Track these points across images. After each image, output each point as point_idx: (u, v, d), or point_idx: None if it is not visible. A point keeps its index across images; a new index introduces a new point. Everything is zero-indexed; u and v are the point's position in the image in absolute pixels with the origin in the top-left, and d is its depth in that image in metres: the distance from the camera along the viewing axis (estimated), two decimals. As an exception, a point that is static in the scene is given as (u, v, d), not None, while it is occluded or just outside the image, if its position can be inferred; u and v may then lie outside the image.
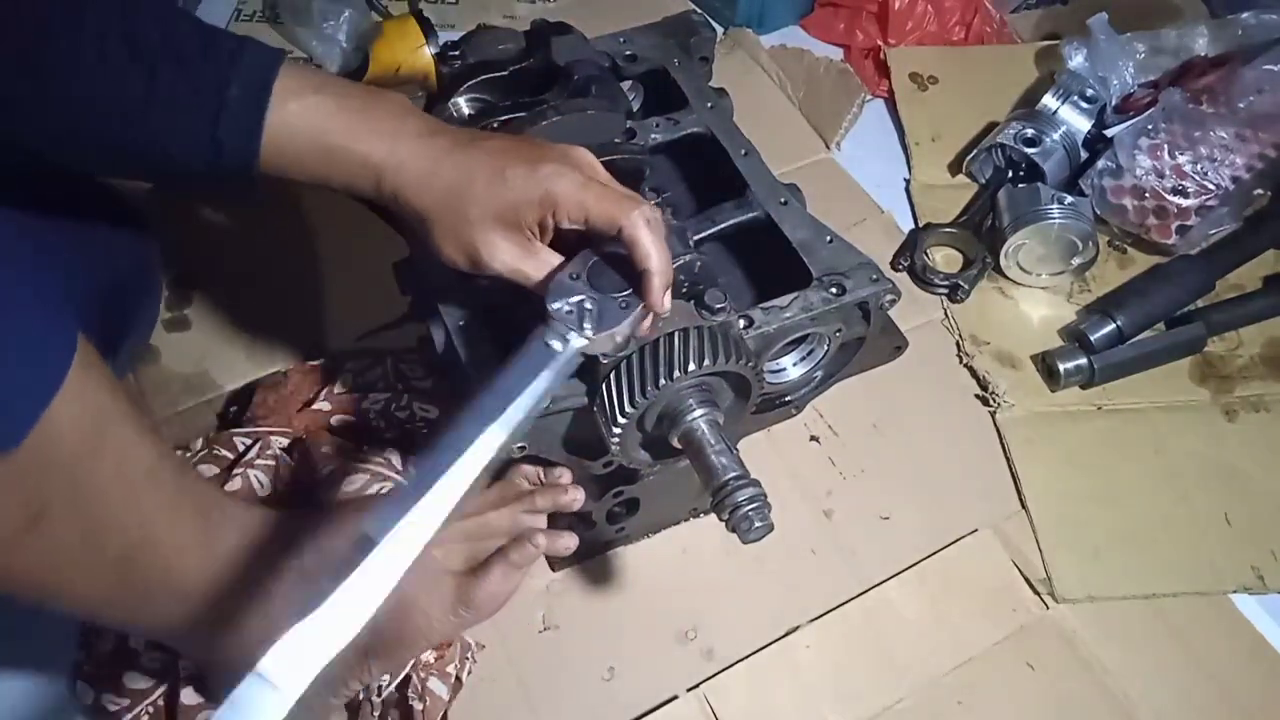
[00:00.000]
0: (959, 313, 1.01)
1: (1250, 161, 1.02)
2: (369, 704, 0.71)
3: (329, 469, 0.75)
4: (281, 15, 1.24)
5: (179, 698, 0.70)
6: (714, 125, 0.78)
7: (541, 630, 0.78)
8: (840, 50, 1.29)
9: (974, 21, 1.27)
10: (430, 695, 0.72)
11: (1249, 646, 0.81)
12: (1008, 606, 0.82)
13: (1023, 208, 1.01)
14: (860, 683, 0.77)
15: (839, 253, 0.70)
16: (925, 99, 1.20)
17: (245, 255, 1.01)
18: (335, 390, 0.84)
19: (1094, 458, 0.91)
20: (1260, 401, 0.96)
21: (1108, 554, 0.85)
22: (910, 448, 0.91)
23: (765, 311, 0.66)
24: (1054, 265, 1.02)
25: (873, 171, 1.14)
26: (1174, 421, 0.94)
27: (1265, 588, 0.83)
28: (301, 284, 0.99)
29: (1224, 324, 0.99)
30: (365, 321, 0.92)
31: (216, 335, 0.95)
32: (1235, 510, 0.88)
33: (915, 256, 1.04)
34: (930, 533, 0.85)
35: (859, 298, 0.68)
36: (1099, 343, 0.95)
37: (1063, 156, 1.07)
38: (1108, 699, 0.77)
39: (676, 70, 0.82)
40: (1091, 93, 1.08)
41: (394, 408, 0.84)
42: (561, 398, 0.63)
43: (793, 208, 0.73)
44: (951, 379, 0.97)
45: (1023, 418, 0.94)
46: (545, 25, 0.81)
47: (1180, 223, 1.02)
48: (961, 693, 0.77)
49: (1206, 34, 1.15)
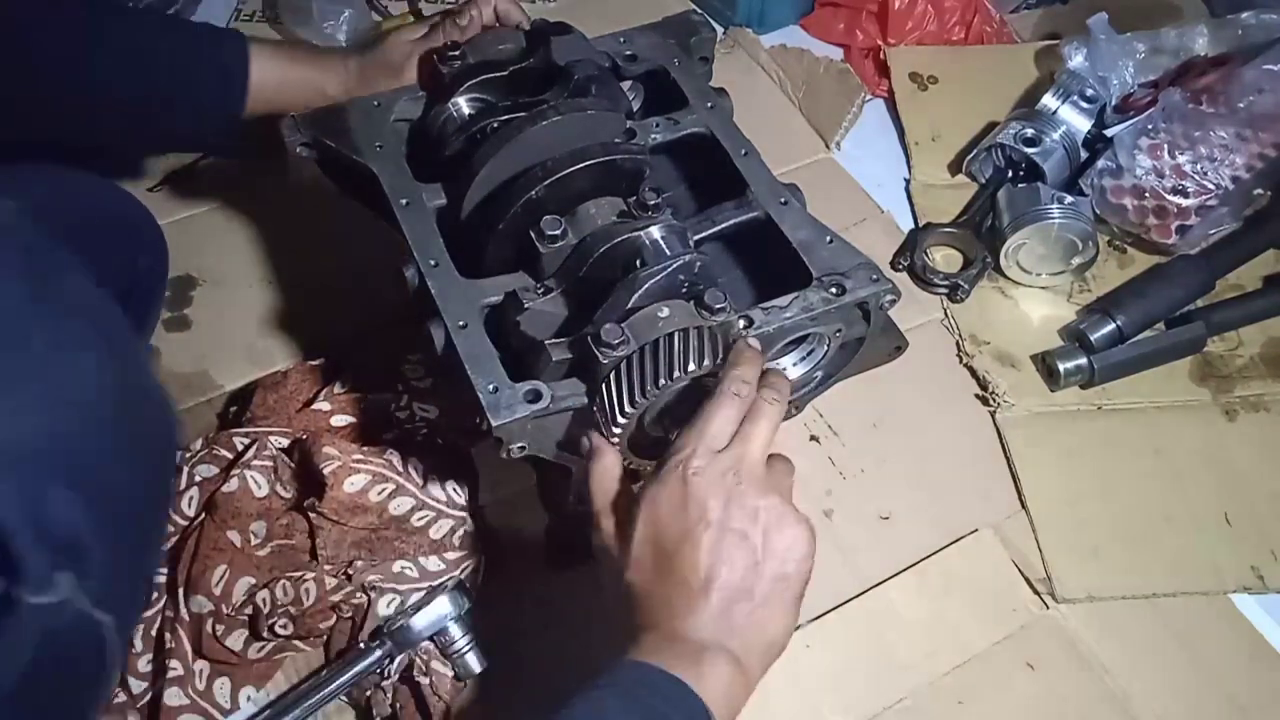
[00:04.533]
0: (959, 313, 1.01)
1: (1250, 161, 1.02)
2: (380, 691, 0.72)
3: (329, 469, 0.75)
4: (281, 15, 1.24)
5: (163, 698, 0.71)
6: (714, 125, 0.78)
7: (542, 630, 0.78)
8: (840, 50, 1.29)
9: (974, 21, 1.27)
10: (435, 673, 0.73)
11: (1249, 646, 0.81)
12: (1008, 606, 0.82)
13: (1023, 208, 1.01)
14: (860, 683, 0.77)
15: (839, 253, 0.70)
16: (925, 99, 1.20)
17: (245, 255, 1.02)
18: (335, 390, 0.84)
19: (1094, 458, 0.91)
20: (1260, 401, 0.96)
21: (1108, 554, 0.85)
22: (910, 448, 0.91)
23: (765, 311, 0.66)
24: (1054, 265, 1.02)
25: (873, 171, 1.14)
26: (1174, 421, 0.94)
27: (1265, 588, 0.83)
28: (301, 284, 0.99)
29: (1224, 324, 0.99)
30: (365, 321, 0.92)
31: (216, 335, 0.95)
32: (1235, 510, 0.88)
33: (915, 256, 1.04)
34: (930, 533, 0.85)
35: (859, 298, 0.68)
36: (1099, 343, 0.95)
37: (1063, 156, 1.07)
38: (1108, 699, 0.77)
39: (676, 70, 0.82)
40: (1091, 93, 1.08)
41: (394, 408, 0.84)
42: (562, 398, 0.63)
43: (793, 208, 0.73)
44: (951, 379, 0.97)
45: (1023, 418, 0.93)
46: (545, 25, 0.81)
47: (1180, 223, 1.02)
48: (961, 693, 0.77)
49: (1206, 34, 1.15)
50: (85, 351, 0.48)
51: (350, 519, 0.76)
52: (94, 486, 0.45)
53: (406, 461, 0.80)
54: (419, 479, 0.79)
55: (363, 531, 0.76)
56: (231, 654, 0.73)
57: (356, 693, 0.74)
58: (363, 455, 0.77)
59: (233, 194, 1.05)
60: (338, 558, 0.76)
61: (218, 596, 0.73)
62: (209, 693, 0.73)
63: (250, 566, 0.75)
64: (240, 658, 0.73)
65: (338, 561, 0.76)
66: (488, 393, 0.62)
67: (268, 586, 0.74)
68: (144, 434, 0.52)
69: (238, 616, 0.74)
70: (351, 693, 0.74)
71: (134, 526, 0.52)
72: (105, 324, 0.51)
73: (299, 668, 0.77)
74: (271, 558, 0.76)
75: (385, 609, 0.75)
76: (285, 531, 0.77)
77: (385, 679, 0.73)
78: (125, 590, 0.52)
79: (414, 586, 0.76)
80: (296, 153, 0.78)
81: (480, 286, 0.69)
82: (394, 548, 0.77)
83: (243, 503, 0.76)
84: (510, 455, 0.63)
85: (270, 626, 0.73)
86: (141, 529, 0.54)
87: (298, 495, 0.79)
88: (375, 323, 0.91)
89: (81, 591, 0.44)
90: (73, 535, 0.44)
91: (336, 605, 0.75)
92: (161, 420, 0.57)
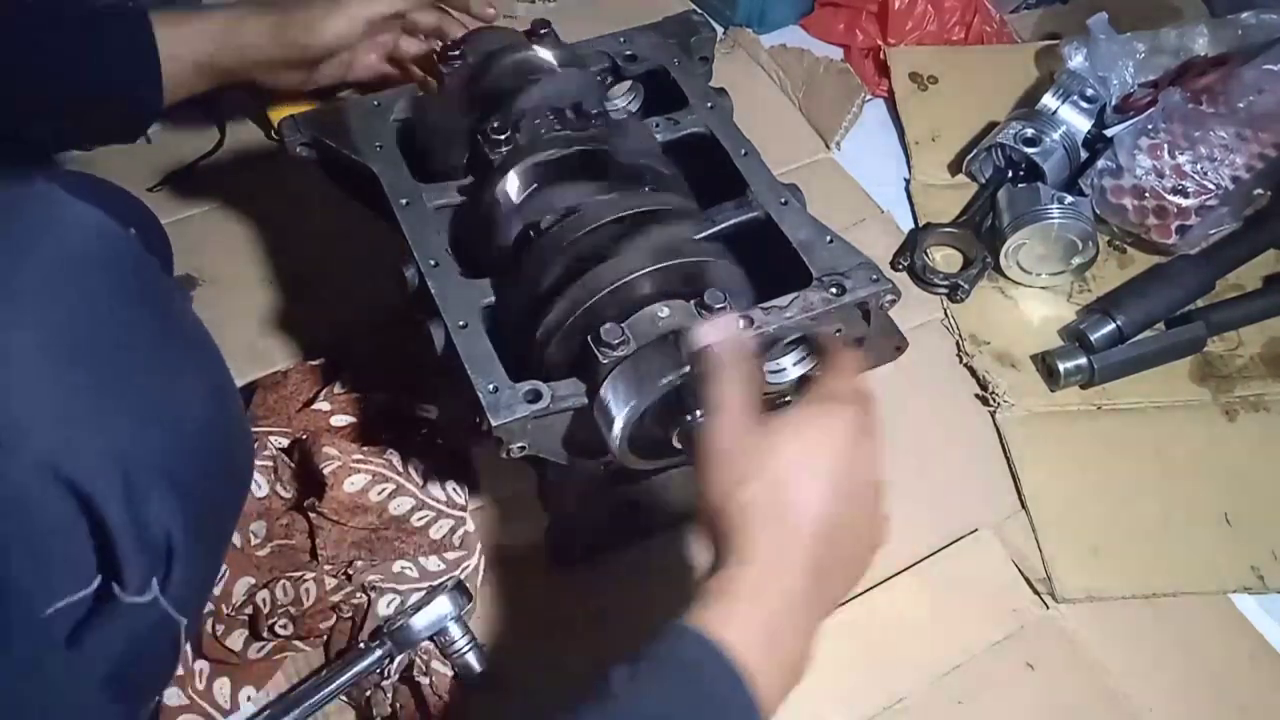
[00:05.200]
0: (959, 313, 1.01)
1: (1250, 161, 1.02)
2: (380, 691, 0.72)
3: (329, 469, 0.75)
4: (280, 13, 1.23)
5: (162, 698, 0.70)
6: (714, 125, 0.78)
7: (542, 630, 0.78)
8: (840, 50, 1.29)
9: (974, 21, 1.27)
10: (435, 673, 0.73)
11: (1249, 646, 0.81)
12: (1008, 606, 0.82)
13: (1023, 208, 1.01)
14: (860, 683, 0.77)
15: (839, 253, 0.70)
16: (925, 99, 1.20)
17: (245, 255, 1.01)
18: (335, 390, 0.84)
19: (1094, 458, 0.91)
20: (1260, 401, 0.96)
21: (1108, 554, 0.85)
22: (910, 448, 0.91)
23: (765, 311, 0.66)
24: (1054, 265, 1.02)
25: (873, 171, 1.14)
26: (1174, 421, 0.94)
27: (1265, 588, 0.83)
28: (301, 284, 0.99)
29: (1224, 324, 0.99)
30: (365, 321, 0.92)
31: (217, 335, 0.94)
32: (1235, 510, 0.88)
33: (915, 256, 1.04)
34: (930, 533, 0.85)
35: (859, 298, 0.68)
36: (1099, 343, 0.95)
37: (1063, 156, 1.07)
38: (1108, 699, 0.77)
39: (676, 70, 0.82)
40: (1091, 93, 1.08)
41: (394, 408, 0.84)
42: (562, 398, 0.63)
43: (793, 208, 0.73)
44: (951, 379, 0.97)
45: (1023, 418, 0.93)
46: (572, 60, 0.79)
47: (1180, 223, 1.02)
48: (961, 693, 0.77)
49: (1206, 34, 1.15)
50: (198, 378, 0.53)
51: (350, 519, 0.76)
52: (189, 500, 0.49)
53: (406, 461, 0.80)
54: (419, 479, 0.79)
55: (363, 531, 0.77)
56: (231, 654, 0.73)
57: (356, 693, 0.74)
58: (363, 455, 0.77)
59: (233, 194, 1.05)
60: (338, 558, 0.76)
61: (218, 596, 0.73)
62: (209, 693, 0.73)
63: (250, 567, 0.75)
64: (240, 658, 0.73)
65: (338, 561, 0.76)
66: (488, 393, 0.62)
67: (268, 587, 0.74)
68: (231, 458, 0.57)
69: (238, 616, 0.74)
70: (351, 693, 0.74)
71: (211, 541, 0.56)
72: (210, 352, 0.57)
73: (299, 668, 0.77)
74: (271, 558, 0.76)
75: (385, 609, 0.75)
76: (285, 532, 0.77)
77: (385, 679, 0.73)
78: (197, 597, 0.57)
79: (414, 586, 0.76)
80: (296, 153, 0.78)
81: (480, 286, 0.69)
82: (394, 548, 0.77)
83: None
84: (510, 455, 0.63)
85: (270, 627, 0.73)
86: (215, 545, 0.59)
87: (298, 495, 0.79)
88: (375, 323, 0.91)
89: (166, 594, 0.49)
90: (165, 538, 0.48)
91: (336, 605, 0.75)
92: (245, 447, 0.62)
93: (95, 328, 0.48)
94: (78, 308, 0.47)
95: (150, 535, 0.47)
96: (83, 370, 0.46)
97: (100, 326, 0.48)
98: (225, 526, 0.60)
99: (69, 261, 0.48)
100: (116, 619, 0.47)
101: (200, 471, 0.51)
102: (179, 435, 0.50)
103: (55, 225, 0.49)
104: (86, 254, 0.49)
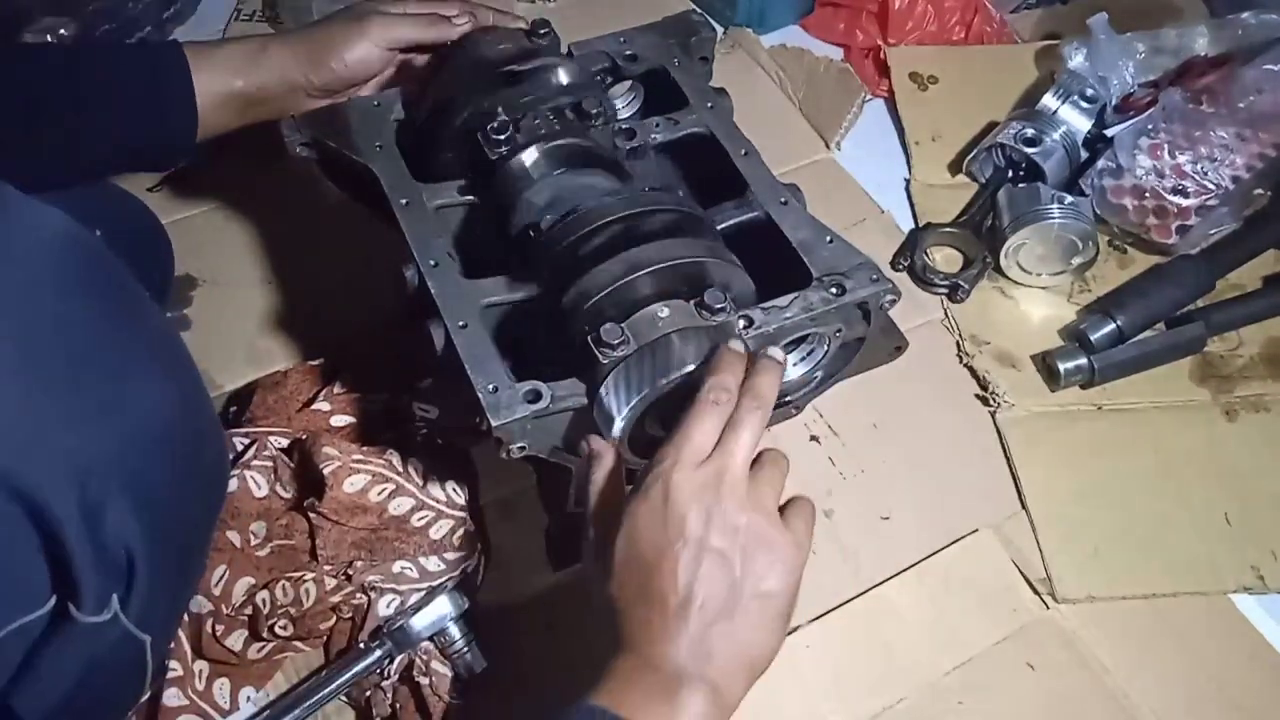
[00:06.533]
0: (959, 313, 1.01)
1: (1250, 161, 1.02)
2: (380, 691, 0.72)
3: (329, 469, 0.75)
4: (281, 15, 1.24)
5: (162, 699, 0.71)
6: (714, 125, 0.78)
7: (542, 630, 0.78)
8: (840, 50, 1.29)
9: (974, 21, 1.27)
10: (435, 673, 0.73)
11: (1249, 646, 0.81)
12: (1008, 606, 0.82)
13: (1023, 208, 1.01)
14: (860, 683, 0.77)
15: (839, 253, 0.70)
16: (925, 99, 1.20)
17: (245, 255, 1.02)
18: (335, 390, 0.84)
19: (1094, 458, 0.91)
20: (1260, 401, 0.96)
21: (1108, 554, 0.85)
22: (910, 448, 0.91)
23: (765, 311, 0.66)
24: (1054, 265, 1.02)
25: (873, 171, 1.14)
26: (1174, 421, 0.94)
27: (1265, 588, 0.83)
28: (301, 284, 0.99)
29: (1224, 324, 0.99)
30: (365, 321, 0.92)
31: (216, 335, 0.95)
32: (1235, 510, 0.88)
33: (915, 256, 1.04)
34: (930, 533, 0.85)
35: (859, 298, 0.68)
36: (1099, 343, 0.95)
37: (1063, 156, 1.07)
38: (1108, 699, 0.77)
39: (676, 70, 0.82)
40: (1091, 93, 1.08)
41: (394, 408, 0.84)
42: (561, 397, 0.63)
43: (793, 208, 0.73)
44: (951, 379, 0.97)
45: (1023, 418, 0.93)
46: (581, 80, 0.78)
47: (1180, 223, 1.02)
48: (961, 693, 0.77)
49: (1206, 34, 1.15)
50: (162, 385, 0.51)
51: (350, 519, 0.76)
52: (153, 509, 0.47)
53: (406, 461, 0.80)
54: (419, 479, 0.79)
55: (363, 532, 0.76)
56: (231, 654, 0.73)
57: (356, 693, 0.74)
58: (363, 455, 0.77)
59: (233, 194, 1.05)
60: (338, 558, 0.76)
61: (217, 597, 0.73)
62: (208, 693, 0.73)
63: (250, 567, 0.75)
64: (240, 658, 0.73)
65: (338, 562, 0.76)
66: (488, 393, 0.62)
67: (267, 587, 0.74)
68: (200, 468, 0.54)
69: (237, 617, 0.74)
70: (351, 693, 0.74)
71: (179, 555, 0.54)
72: (178, 358, 0.54)
73: (299, 668, 0.77)
74: (271, 558, 0.76)
75: (385, 609, 0.75)
76: (285, 532, 0.77)
77: (385, 679, 0.73)
78: (164, 614, 0.55)
79: (414, 586, 0.76)
80: (296, 152, 0.78)
81: (480, 286, 0.69)
82: (394, 548, 0.77)
83: (242, 503, 0.76)
84: (510, 455, 0.63)
85: (270, 627, 0.73)
86: (185, 558, 0.56)
87: (297, 495, 0.79)
88: (375, 323, 0.91)
89: (127, 611, 0.47)
90: (125, 553, 0.46)
91: (336, 606, 0.75)
92: (216, 458, 0.59)
93: (49, 333, 0.46)
94: (30, 313, 0.45)
95: (108, 551, 0.45)
96: (34, 377, 0.44)
97: (55, 332, 0.46)
98: (197, 535, 0.58)
99: (22, 263, 0.46)
100: (74, 639, 0.45)
101: (165, 479, 0.49)
102: (140, 442, 0.47)
103: (9, 227, 0.46)
104: (43, 257, 0.47)
